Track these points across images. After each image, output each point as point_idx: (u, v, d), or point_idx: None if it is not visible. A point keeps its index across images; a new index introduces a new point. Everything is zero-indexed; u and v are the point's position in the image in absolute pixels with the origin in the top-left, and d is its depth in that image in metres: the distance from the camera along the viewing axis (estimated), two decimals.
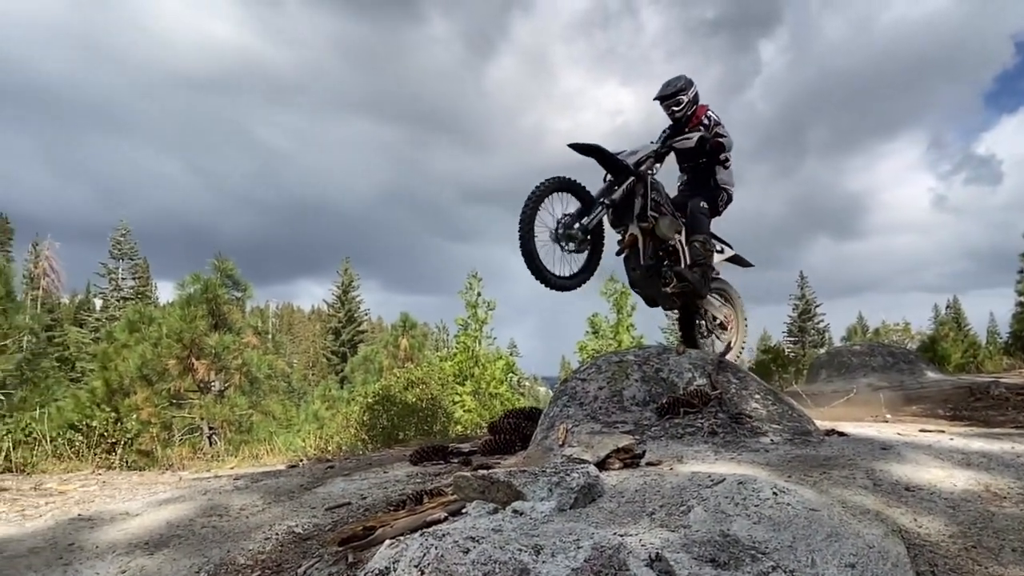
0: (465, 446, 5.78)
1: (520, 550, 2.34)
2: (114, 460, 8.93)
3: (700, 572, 2.30)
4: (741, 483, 2.86)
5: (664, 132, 6.08)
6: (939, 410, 7.57)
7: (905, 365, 13.08)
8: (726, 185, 6.13)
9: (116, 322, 21.34)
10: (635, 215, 5.49)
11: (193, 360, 14.74)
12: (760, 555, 2.42)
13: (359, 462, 6.08)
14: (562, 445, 4.06)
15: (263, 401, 15.57)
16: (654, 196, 5.53)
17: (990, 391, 8.53)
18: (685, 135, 5.77)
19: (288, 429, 15.53)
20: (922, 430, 5.19)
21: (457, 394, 14.63)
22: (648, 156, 5.52)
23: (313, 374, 54.19)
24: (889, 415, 7.16)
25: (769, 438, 4.22)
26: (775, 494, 2.74)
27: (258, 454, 9.85)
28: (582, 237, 5.20)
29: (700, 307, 6.30)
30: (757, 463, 3.70)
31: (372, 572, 2.42)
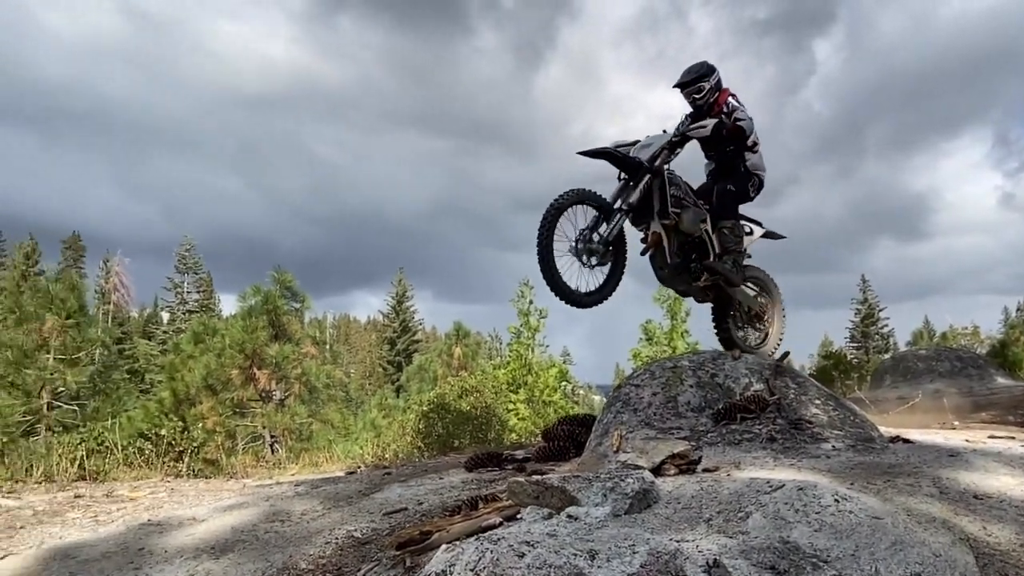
0: (519, 453, 5.80)
1: (575, 555, 2.35)
2: (181, 468, 9.25)
3: None
4: (801, 489, 2.80)
5: (684, 120, 5.82)
6: (1009, 416, 7.27)
7: (974, 370, 12.55)
8: (757, 170, 5.88)
9: (182, 334, 22.11)
10: (656, 212, 5.31)
11: (255, 370, 15.17)
12: (821, 563, 2.37)
13: (415, 469, 6.16)
14: (616, 451, 4.04)
15: (322, 410, 15.91)
16: (673, 192, 5.33)
17: None
18: (700, 123, 5.52)
19: (346, 437, 15.81)
20: (991, 436, 5.00)
21: (511, 402, 14.66)
22: (662, 148, 5.30)
23: (370, 383, 55.00)
24: (956, 421, 6.90)
25: (830, 444, 4.11)
26: (837, 501, 2.68)
27: (318, 461, 10.06)
28: (603, 249, 5.04)
29: (734, 297, 6.03)
30: (818, 470, 3.61)
31: (429, 574, 2.46)
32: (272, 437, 14.98)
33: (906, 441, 4.44)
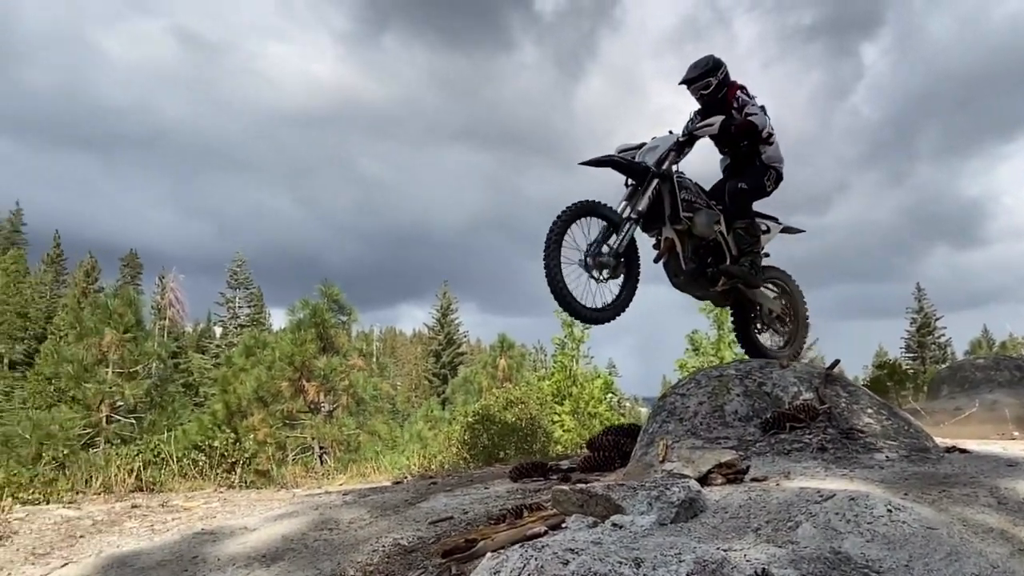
0: (564, 463, 5.78)
1: (620, 563, 2.34)
2: (234, 479, 9.48)
3: None
4: (853, 499, 2.74)
5: (693, 117, 5.63)
6: None
7: None
8: (773, 163, 5.61)
9: (234, 348, 22.67)
10: (667, 217, 5.11)
11: (304, 382, 15.47)
12: (873, 574, 2.32)
13: (461, 479, 6.19)
14: (662, 461, 4.01)
15: (369, 421, 16.12)
16: (684, 195, 5.13)
17: None
18: (706, 122, 5.31)
19: (393, 449, 15.96)
20: None
21: (556, 414, 14.63)
22: (669, 150, 5.11)
23: (416, 396, 55.46)
24: (1016, 432, 6.65)
25: (884, 454, 4.01)
26: (890, 511, 2.61)
27: (365, 472, 10.19)
28: (614, 262, 4.87)
29: (753, 299, 5.81)
30: (871, 480, 3.52)
31: None
32: (321, 448, 15.23)
33: (963, 451, 4.30)
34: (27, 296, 54.36)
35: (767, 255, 5.80)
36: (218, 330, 58.48)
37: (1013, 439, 5.95)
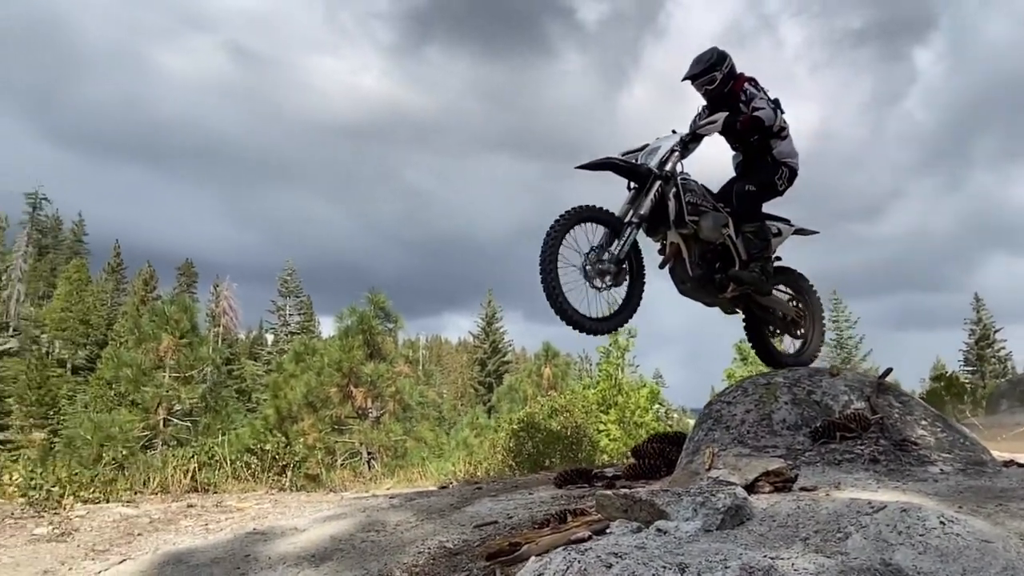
0: (609, 470, 5.77)
1: (664, 567, 2.34)
2: (285, 482, 9.66)
3: None
4: (905, 511, 2.68)
5: (700, 112, 5.42)
6: None
7: None
8: (786, 159, 5.33)
9: (284, 354, 23.17)
10: (672, 221, 4.85)
11: (352, 388, 15.73)
12: None
13: (506, 484, 6.22)
14: (708, 469, 3.97)
15: (416, 428, 16.30)
16: (688, 198, 4.87)
17: None
18: (709, 119, 5.07)
19: (439, 456, 16.09)
20: None
21: (602, 422, 14.56)
22: (672, 150, 4.86)
23: (461, 404, 55.72)
24: None
25: (938, 467, 3.90)
26: (943, 523, 2.55)
27: (412, 478, 10.30)
28: (615, 269, 4.62)
29: (766, 305, 5.52)
30: (924, 493, 3.44)
31: None
32: (369, 453, 15.45)
33: (1021, 465, 4.16)
34: (89, 304, 56.53)
35: (779, 257, 5.57)
36: (270, 337, 59.82)
37: None
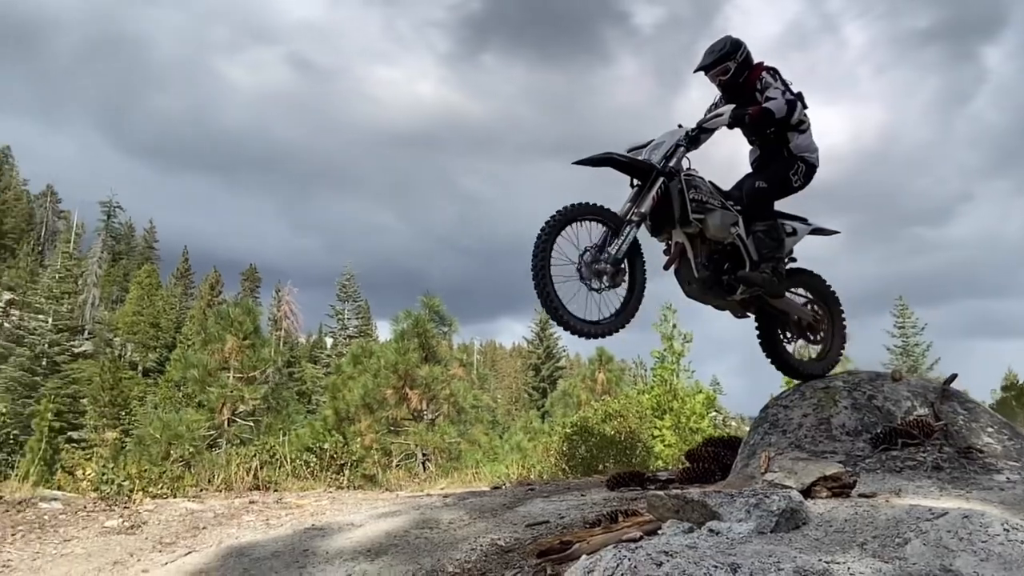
0: (663, 474, 5.72)
1: (716, 567, 2.32)
2: (342, 480, 9.89)
3: None
4: (967, 517, 2.60)
5: (717, 102, 5.19)
6: None
7: None
8: (803, 152, 5.06)
9: (343, 357, 23.67)
10: (676, 220, 4.62)
11: (407, 390, 15.97)
12: None
13: (558, 486, 6.23)
14: (764, 472, 3.91)
15: (470, 431, 16.43)
16: (692, 195, 4.62)
17: None
18: (715, 113, 4.83)
19: (493, 460, 16.18)
20: None
21: (656, 428, 14.38)
22: (676, 145, 4.62)
23: (515, 409, 55.80)
24: None
25: (1005, 476, 3.76)
26: (1006, 530, 2.47)
27: (466, 479, 10.40)
28: (612, 270, 4.37)
29: (779, 309, 5.22)
30: (989, 501, 3.32)
31: None
32: (424, 455, 15.65)
33: None
34: (159, 308, 58.82)
35: (794, 259, 5.31)
36: (329, 341, 61.09)
37: None
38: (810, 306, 5.43)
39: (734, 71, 5.00)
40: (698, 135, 4.76)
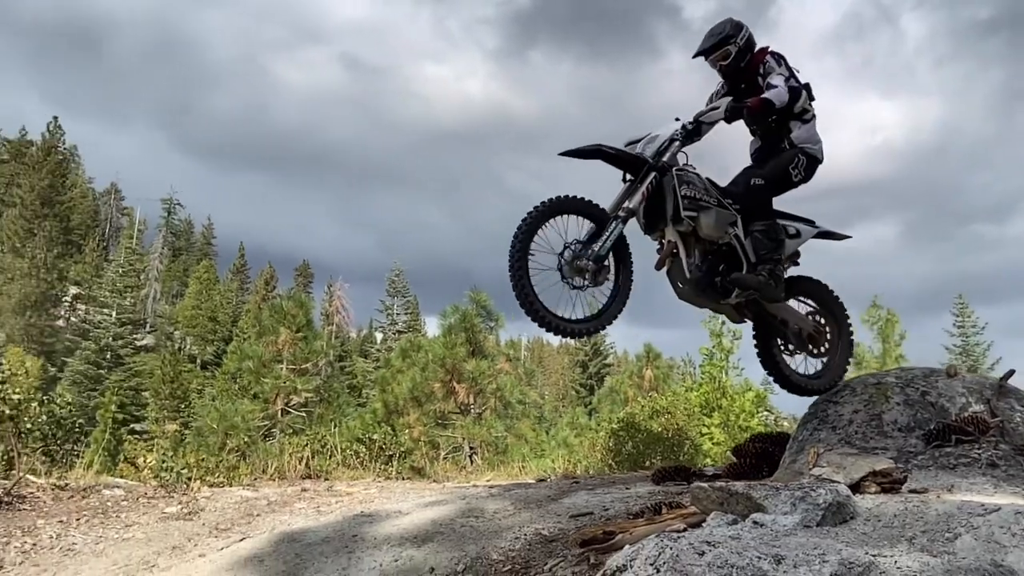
0: (709, 470, 5.69)
1: (759, 558, 2.32)
2: (391, 470, 10.09)
3: None
4: (1020, 513, 2.55)
5: (717, 90, 5.00)
6: None
7: None
8: (805, 144, 4.80)
9: (392, 351, 24.04)
10: (668, 217, 4.39)
11: (454, 384, 16.16)
12: None
13: (603, 480, 6.26)
14: (811, 467, 3.87)
15: (516, 425, 16.53)
16: (685, 191, 4.35)
17: None
18: (711, 106, 4.61)
19: (540, 455, 16.25)
20: None
21: (704, 426, 14.22)
22: (670, 139, 4.41)
23: (563, 405, 55.72)
24: None
25: None
26: None
27: (512, 473, 10.48)
28: (594, 267, 4.17)
29: (777, 316, 4.95)
30: None
31: (611, 569, 2.55)
32: (471, 448, 15.81)
33: None
34: (217, 302, 60.57)
35: (797, 263, 5.04)
36: (379, 335, 61.98)
37: None
38: (813, 317, 5.14)
39: (735, 55, 4.77)
40: (695, 129, 4.57)
